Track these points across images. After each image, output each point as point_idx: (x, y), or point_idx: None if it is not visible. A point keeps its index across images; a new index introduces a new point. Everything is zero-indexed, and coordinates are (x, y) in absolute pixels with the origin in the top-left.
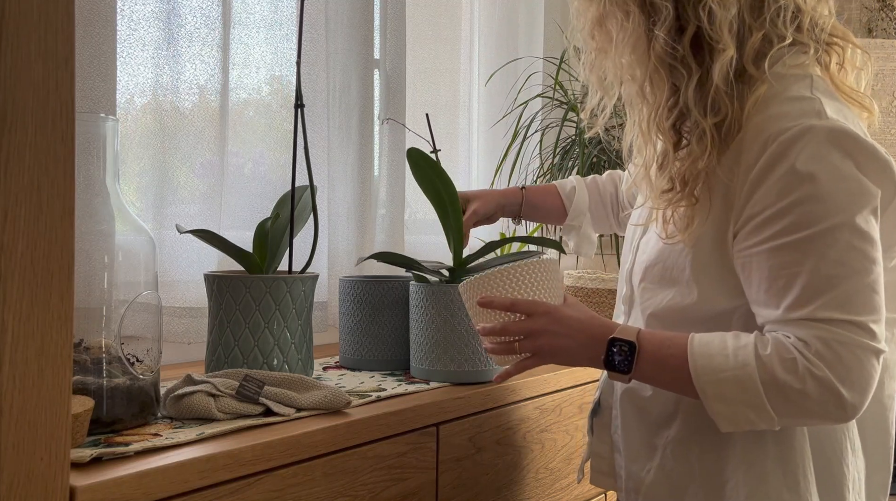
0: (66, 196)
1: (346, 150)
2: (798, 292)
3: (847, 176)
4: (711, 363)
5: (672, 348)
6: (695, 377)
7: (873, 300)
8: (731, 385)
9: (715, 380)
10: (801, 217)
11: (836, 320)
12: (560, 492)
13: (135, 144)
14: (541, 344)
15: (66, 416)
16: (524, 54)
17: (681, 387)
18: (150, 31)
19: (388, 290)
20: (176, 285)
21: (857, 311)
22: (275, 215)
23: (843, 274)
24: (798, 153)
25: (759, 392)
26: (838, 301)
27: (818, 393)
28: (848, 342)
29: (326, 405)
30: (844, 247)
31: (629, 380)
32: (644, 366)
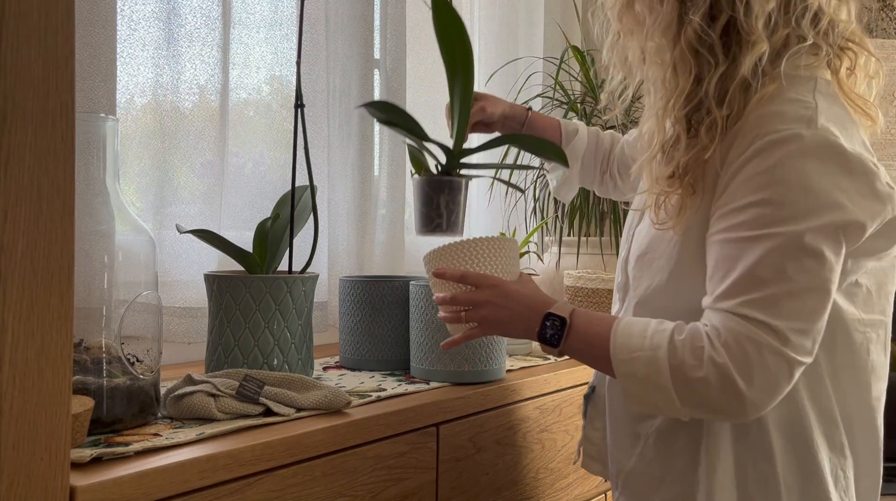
0: (66, 196)
1: (346, 150)
2: (728, 285)
3: (816, 190)
4: (628, 342)
5: (599, 327)
6: (612, 354)
7: (800, 311)
8: (641, 365)
9: (627, 359)
10: (757, 217)
11: (754, 319)
12: (560, 492)
13: (135, 144)
14: (484, 315)
15: (66, 416)
16: (524, 54)
17: (603, 365)
18: (150, 31)
19: (388, 290)
20: (176, 285)
21: (778, 316)
22: (275, 214)
23: (775, 280)
24: (778, 157)
25: (665, 375)
26: (762, 303)
27: (717, 382)
28: (759, 341)
29: (326, 405)
30: (786, 256)
31: (559, 354)
32: (572, 342)
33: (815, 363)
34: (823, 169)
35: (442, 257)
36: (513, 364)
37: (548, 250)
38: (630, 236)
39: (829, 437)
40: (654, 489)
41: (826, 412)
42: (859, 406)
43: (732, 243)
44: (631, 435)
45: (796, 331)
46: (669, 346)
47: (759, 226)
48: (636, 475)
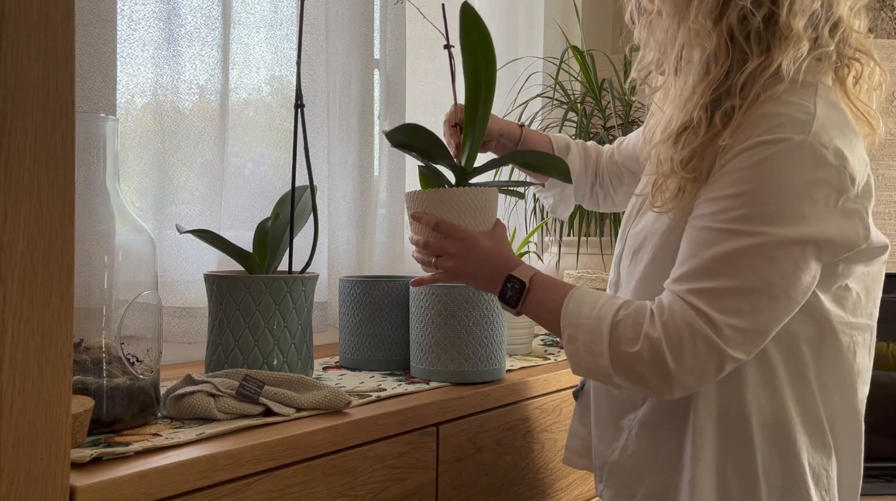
0: (66, 196)
1: (346, 150)
2: (685, 270)
3: (789, 198)
4: (578, 309)
5: (555, 292)
6: (562, 317)
7: (742, 310)
8: (584, 331)
9: (573, 323)
10: (726, 210)
11: (696, 307)
12: (560, 492)
13: (135, 144)
14: (451, 266)
15: (66, 416)
16: (524, 54)
17: (553, 327)
18: (150, 31)
19: (388, 290)
20: (176, 285)
21: (718, 309)
22: (275, 215)
23: (725, 274)
24: (762, 157)
25: (603, 344)
26: (707, 293)
27: (648, 357)
28: (695, 328)
29: (326, 405)
30: (743, 254)
31: (517, 314)
32: (529, 304)
33: (802, 363)
34: (802, 177)
35: (421, 201)
36: (513, 364)
37: (548, 250)
38: (625, 235)
39: (812, 436)
40: (637, 480)
41: (810, 412)
42: (844, 408)
43: (701, 230)
44: (614, 428)
45: (733, 327)
46: (613, 318)
47: (727, 220)
48: (620, 467)
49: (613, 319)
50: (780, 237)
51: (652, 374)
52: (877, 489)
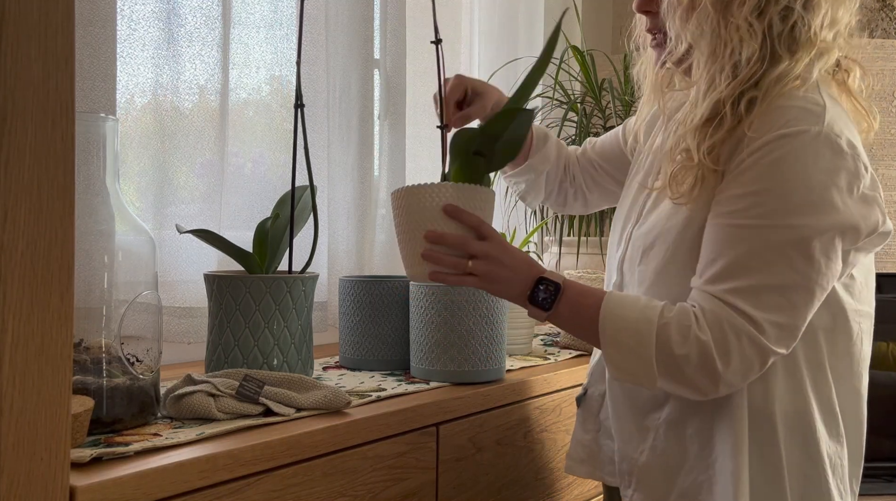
0: (66, 196)
1: (346, 150)
2: (718, 269)
3: (814, 187)
4: (619, 312)
5: (590, 298)
6: (601, 321)
7: (781, 305)
8: (629, 334)
9: (616, 327)
10: (754, 206)
11: (736, 306)
12: (560, 492)
13: (135, 144)
14: (488, 270)
15: (66, 416)
16: (524, 54)
17: (588, 333)
18: (150, 31)
19: (388, 290)
20: (176, 285)
21: (758, 306)
22: (275, 214)
23: (761, 271)
24: (784, 151)
25: (650, 347)
26: (746, 292)
27: (697, 359)
28: (738, 327)
29: (326, 405)
30: (775, 249)
31: (545, 319)
32: (562, 308)
33: (819, 352)
34: (823, 166)
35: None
36: (513, 364)
37: (548, 250)
38: (626, 235)
39: (828, 425)
40: (669, 480)
41: (825, 400)
42: (851, 395)
43: (728, 228)
44: (638, 429)
45: (773, 323)
46: (659, 320)
47: (755, 216)
48: (650, 468)
49: (660, 321)
50: (813, 228)
51: (699, 376)
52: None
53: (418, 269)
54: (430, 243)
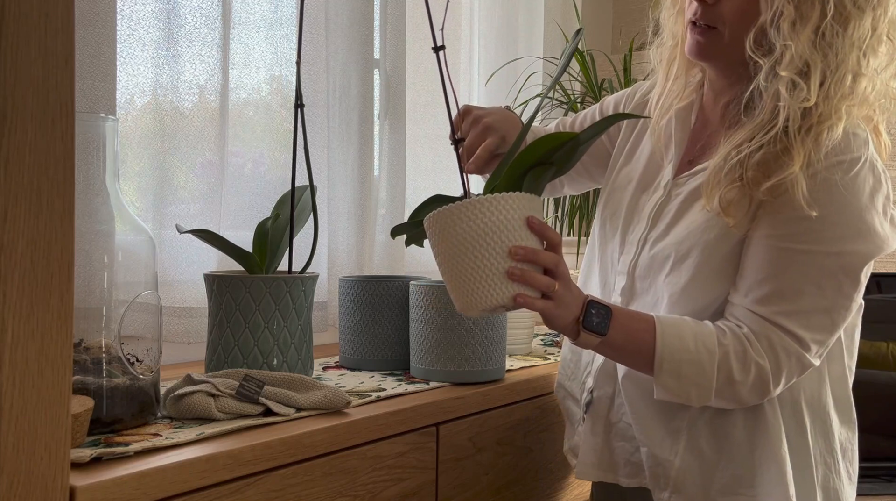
0: (66, 196)
1: (346, 150)
2: (767, 291)
3: (863, 216)
4: (678, 343)
5: (641, 322)
6: (659, 351)
7: (826, 326)
8: (690, 366)
9: (676, 359)
10: (809, 233)
11: (786, 329)
12: (560, 492)
13: (135, 144)
14: (560, 292)
15: (66, 416)
16: (524, 54)
17: (637, 359)
18: (150, 31)
19: (388, 290)
20: (176, 285)
21: (807, 328)
22: (275, 214)
23: (813, 294)
24: (841, 177)
25: (712, 377)
26: (796, 315)
27: (754, 382)
28: (788, 349)
29: (326, 405)
30: (827, 274)
31: (598, 346)
32: (615, 334)
33: (839, 342)
34: (868, 192)
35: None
36: (513, 364)
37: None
38: (637, 240)
39: (840, 412)
40: (708, 477)
41: (840, 387)
42: (847, 381)
43: (780, 250)
44: (667, 432)
45: (818, 342)
46: (720, 350)
47: (808, 241)
48: (688, 469)
49: (720, 351)
50: (861, 254)
51: (752, 395)
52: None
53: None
54: (520, 260)
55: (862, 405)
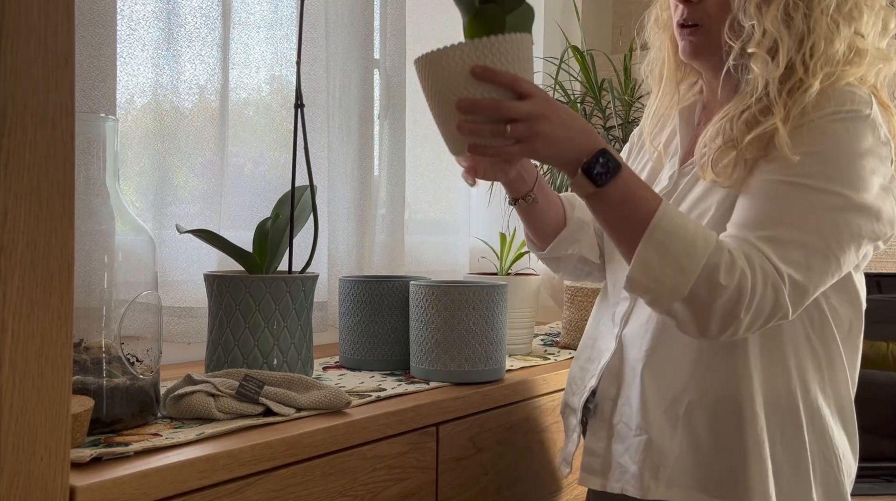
0: (66, 196)
1: (346, 150)
2: (752, 217)
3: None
4: (679, 219)
5: (648, 192)
6: (657, 218)
7: (800, 262)
8: (682, 243)
9: (672, 232)
10: (798, 166)
11: (765, 253)
12: (560, 492)
13: (135, 144)
14: (538, 130)
15: (66, 416)
16: None
17: (627, 225)
18: (150, 31)
19: (388, 290)
20: (176, 285)
21: (783, 259)
22: (275, 215)
23: (791, 225)
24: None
25: (698, 263)
26: (775, 242)
27: (731, 295)
28: (766, 271)
29: (326, 405)
30: (808, 207)
31: (590, 195)
32: (613, 191)
33: (855, 335)
34: (868, 148)
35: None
36: (513, 364)
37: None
38: None
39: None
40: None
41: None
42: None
43: (770, 183)
44: (665, 418)
45: (792, 279)
46: (717, 244)
47: (797, 174)
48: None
49: (717, 244)
50: (847, 199)
51: (721, 312)
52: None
53: (457, 144)
54: (464, 113)
55: (862, 405)
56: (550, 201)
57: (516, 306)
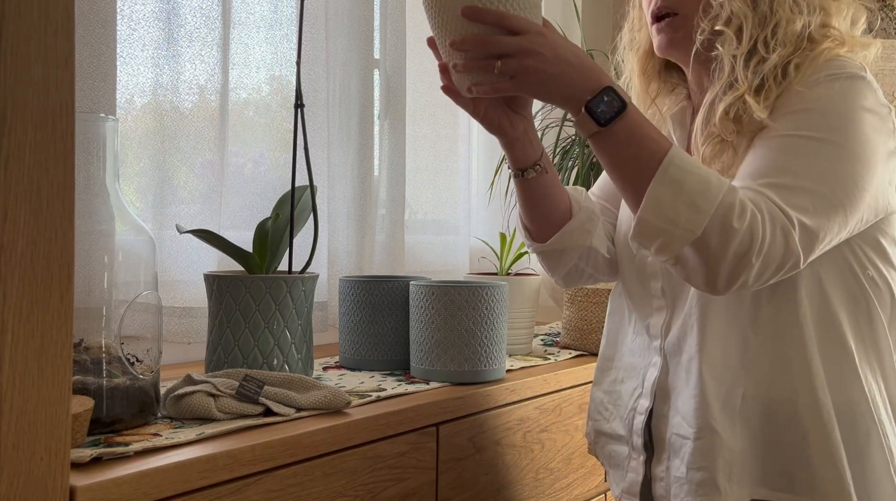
0: (66, 196)
1: (346, 150)
2: (754, 168)
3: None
4: (690, 160)
5: (657, 132)
6: (670, 155)
7: (807, 207)
8: (697, 180)
9: (686, 168)
10: (797, 121)
11: (773, 199)
12: (560, 492)
13: (135, 144)
14: (527, 65)
15: (66, 416)
16: None
17: (636, 163)
18: (150, 31)
19: (388, 290)
20: (176, 285)
21: (790, 204)
22: (275, 215)
23: (796, 172)
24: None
25: (714, 200)
26: (782, 188)
27: (743, 237)
28: (774, 215)
29: (326, 405)
30: (811, 154)
31: (593, 134)
32: (619, 129)
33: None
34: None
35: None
36: (513, 364)
37: None
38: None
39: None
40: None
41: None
42: None
43: (769, 139)
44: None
45: (801, 223)
46: (730, 187)
47: (795, 128)
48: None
49: (730, 187)
50: (849, 150)
51: (731, 257)
52: None
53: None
54: (457, 51)
55: None
56: (556, 181)
57: (516, 307)
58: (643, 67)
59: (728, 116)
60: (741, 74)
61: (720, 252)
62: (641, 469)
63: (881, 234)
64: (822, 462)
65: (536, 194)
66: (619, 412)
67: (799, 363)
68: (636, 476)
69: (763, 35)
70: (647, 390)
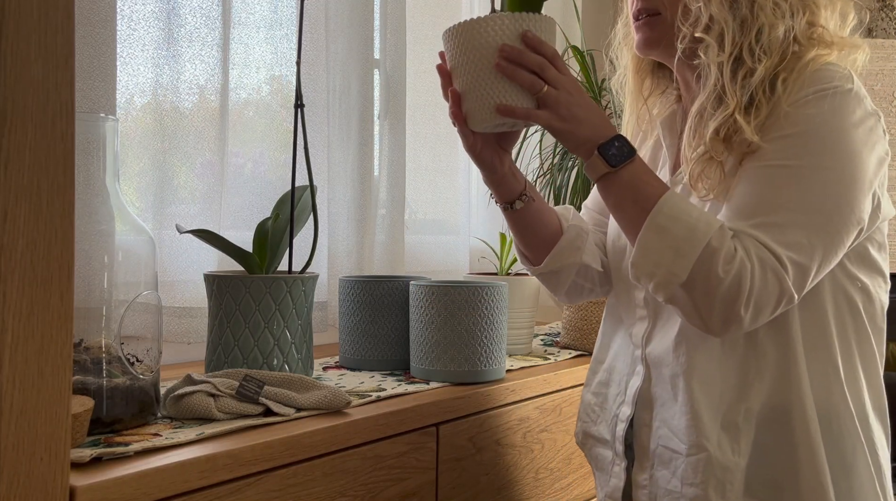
0: (66, 196)
1: (346, 150)
2: (743, 205)
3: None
4: (684, 205)
5: (656, 180)
6: (662, 201)
7: (802, 244)
8: (684, 227)
9: (675, 216)
10: (786, 149)
11: (763, 241)
12: (560, 492)
13: (135, 144)
14: (566, 101)
15: (66, 416)
16: None
17: (633, 208)
18: (150, 31)
19: (388, 290)
20: (176, 285)
21: (782, 243)
22: (275, 215)
23: (788, 209)
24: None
25: (699, 245)
26: (771, 227)
27: (731, 283)
28: (764, 260)
29: (326, 405)
30: (805, 187)
31: (601, 177)
32: (625, 174)
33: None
34: (855, 121)
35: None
36: (513, 364)
37: None
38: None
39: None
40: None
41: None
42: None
43: (757, 169)
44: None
45: (795, 264)
46: (720, 231)
47: (785, 157)
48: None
49: (719, 231)
50: (842, 173)
51: (719, 303)
52: None
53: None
54: (506, 59)
55: None
56: (543, 206)
57: (516, 307)
58: (637, 63)
59: (718, 136)
60: (729, 87)
61: (707, 298)
62: (623, 475)
63: (868, 241)
64: (808, 473)
65: (527, 222)
66: (605, 416)
67: (794, 377)
68: (618, 482)
69: (747, 42)
70: (629, 398)
